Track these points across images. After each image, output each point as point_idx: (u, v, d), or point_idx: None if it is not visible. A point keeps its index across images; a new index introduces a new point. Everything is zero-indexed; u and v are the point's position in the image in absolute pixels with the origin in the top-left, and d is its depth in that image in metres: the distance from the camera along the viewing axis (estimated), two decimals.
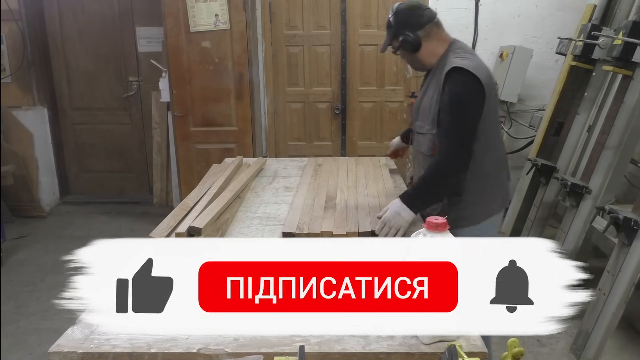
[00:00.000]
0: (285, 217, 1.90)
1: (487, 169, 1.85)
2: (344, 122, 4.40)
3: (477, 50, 4.26)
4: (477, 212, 1.88)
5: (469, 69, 1.72)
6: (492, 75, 1.86)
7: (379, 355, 1.10)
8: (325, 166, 2.56)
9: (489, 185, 1.88)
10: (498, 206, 1.96)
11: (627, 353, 2.63)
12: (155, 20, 4.24)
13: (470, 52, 1.90)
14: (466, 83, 1.72)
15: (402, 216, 1.70)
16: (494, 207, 1.94)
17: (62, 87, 4.88)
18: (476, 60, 1.81)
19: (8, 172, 4.32)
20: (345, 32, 4.24)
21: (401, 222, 1.69)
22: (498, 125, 1.95)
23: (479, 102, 1.74)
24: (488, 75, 1.79)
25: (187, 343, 1.13)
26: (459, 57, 1.79)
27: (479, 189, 1.85)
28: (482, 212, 1.90)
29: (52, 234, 4.31)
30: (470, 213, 1.86)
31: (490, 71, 1.86)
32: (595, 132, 3.10)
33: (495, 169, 1.91)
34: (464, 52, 1.85)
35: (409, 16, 1.90)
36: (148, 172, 4.99)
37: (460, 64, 1.74)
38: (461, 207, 1.84)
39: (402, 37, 1.87)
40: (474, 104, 1.74)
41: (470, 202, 1.85)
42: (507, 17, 4.22)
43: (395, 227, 1.70)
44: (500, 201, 1.98)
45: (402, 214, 1.70)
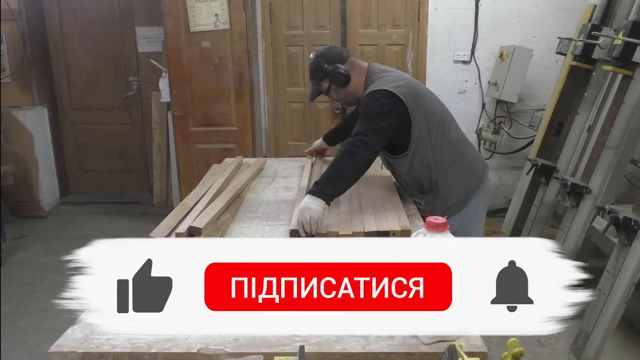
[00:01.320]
0: (285, 217, 1.90)
1: (448, 156, 1.97)
2: None
3: (477, 50, 4.28)
4: (457, 197, 2.01)
5: (374, 89, 1.88)
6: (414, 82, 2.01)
7: (379, 355, 1.10)
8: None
9: (457, 168, 1.99)
10: (476, 181, 2.06)
11: (627, 353, 2.63)
12: (155, 20, 4.24)
13: (384, 71, 2.03)
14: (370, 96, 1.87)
15: (311, 208, 1.65)
16: (472, 185, 2.04)
17: (62, 87, 4.88)
18: (388, 77, 1.95)
19: (8, 172, 4.33)
20: (345, 32, 4.25)
21: (312, 214, 1.65)
22: (445, 113, 2.03)
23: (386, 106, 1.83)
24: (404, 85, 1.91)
25: (187, 343, 1.12)
26: (373, 83, 1.95)
27: (449, 176, 1.98)
28: (463, 194, 2.02)
29: (52, 234, 4.31)
30: (452, 201, 2.01)
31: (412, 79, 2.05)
32: (595, 132, 3.10)
33: (458, 151, 2.01)
34: (377, 75, 1.99)
35: (331, 54, 2.04)
36: (148, 172, 4.99)
37: (368, 90, 1.91)
38: (442, 198, 2.00)
39: (332, 72, 1.99)
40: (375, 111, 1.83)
41: (447, 191, 1.99)
42: (507, 17, 4.22)
43: (308, 220, 1.64)
44: (475, 177, 2.06)
45: (310, 206, 1.66)
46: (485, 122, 4.40)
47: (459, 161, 2.01)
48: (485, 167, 2.12)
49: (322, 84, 2.04)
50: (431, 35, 4.25)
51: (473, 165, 2.06)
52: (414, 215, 1.91)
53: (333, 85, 2.03)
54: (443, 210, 2.00)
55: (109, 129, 4.97)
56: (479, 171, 2.08)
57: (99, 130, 4.98)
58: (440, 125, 1.96)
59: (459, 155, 2.01)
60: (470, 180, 2.04)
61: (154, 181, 4.81)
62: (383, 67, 2.10)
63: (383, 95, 1.85)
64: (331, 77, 2.00)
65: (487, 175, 2.12)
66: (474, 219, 2.08)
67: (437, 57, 4.31)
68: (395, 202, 1.97)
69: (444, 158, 1.96)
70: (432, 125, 1.93)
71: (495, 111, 4.33)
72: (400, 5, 4.17)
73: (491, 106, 4.36)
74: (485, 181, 2.10)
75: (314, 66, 2.03)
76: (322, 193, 1.70)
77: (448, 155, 1.97)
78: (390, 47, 4.27)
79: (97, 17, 4.70)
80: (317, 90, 2.08)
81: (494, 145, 4.24)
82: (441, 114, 2.00)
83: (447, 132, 1.98)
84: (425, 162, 1.95)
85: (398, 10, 4.18)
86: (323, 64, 2.00)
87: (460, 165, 2.01)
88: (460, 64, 4.33)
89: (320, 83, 2.04)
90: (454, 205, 2.02)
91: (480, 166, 2.09)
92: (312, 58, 2.06)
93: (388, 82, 1.91)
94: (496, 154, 4.36)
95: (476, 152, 2.15)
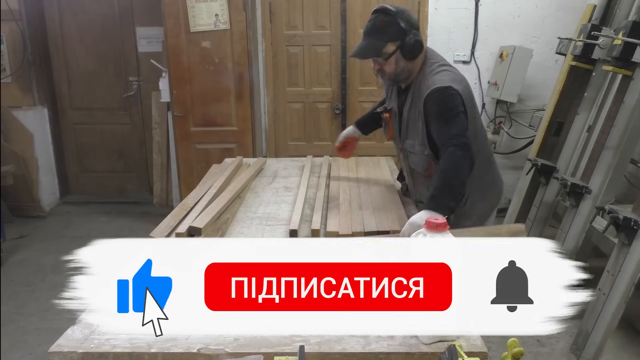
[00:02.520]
0: (285, 216, 1.90)
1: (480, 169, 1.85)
2: (344, 122, 4.39)
3: (477, 51, 4.28)
4: (478, 215, 1.93)
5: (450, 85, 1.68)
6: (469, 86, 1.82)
7: (379, 355, 1.10)
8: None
9: (486, 180, 1.93)
10: (496, 199, 2.04)
11: (627, 353, 2.63)
12: (155, 20, 4.24)
13: (443, 62, 1.83)
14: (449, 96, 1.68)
15: None
16: (493, 202, 2.02)
17: (62, 87, 4.88)
18: (454, 73, 1.77)
19: (8, 172, 4.32)
20: (345, 32, 4.25)
21: None
22: (483, 127, 1.98)
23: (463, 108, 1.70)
24: (466, 87, 1.76)
25: (187, 343, 1.13)
26: (437, 74, 1.73)
27: (478, 190, 1.88)
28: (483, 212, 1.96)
29: (52, 234, 4.31)
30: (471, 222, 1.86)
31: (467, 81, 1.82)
32: (595, 132, 3.11)
33: (487, 167, 1.95)
34: (440, 66, 1.78)
35: (411, 17, 1.75)
36: (148, 172, 4.99)
37: (439, 83, 1.69)
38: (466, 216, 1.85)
39: (411, 37, 1.71)
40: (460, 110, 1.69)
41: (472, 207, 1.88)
42: (507, 17, 4.22)
43: None
44: (497, 195, 2.04)
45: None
46: (485, 122, 4.40)
47: (487, 173, 1.94)
48: (502, 183, 2.06)
49: (388, 46, 1.72)
50: (431, 35, 4.25)
51: (497, 178, 2.01)
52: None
53: (398, 54, 1.72)
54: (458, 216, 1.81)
55: (109, 129, 4.97)
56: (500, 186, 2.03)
57: (99, 130, 4.98)
58: (479, 135, 1.85)
59: (488, 166, 1.94)
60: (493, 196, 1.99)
61: (154, 181, 4.81)
62: (439, 56, 1.88)
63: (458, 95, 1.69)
64: (404, 44, 1.70)
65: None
66: None
67: None
68: (395, 202, 1.97)
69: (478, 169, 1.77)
70: (473, 135, 1.75)
71: (495, 111, 4.33)
72: (401, 6, 4.17)
73: (491, 106, 4.36)
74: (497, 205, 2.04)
75: (389, 21, 1.71)
76: (444, 207, 1.52)
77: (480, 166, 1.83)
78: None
79: (97, 17, 4.70)
80: (378, 50, 1.74)
81: (494, 145, 4.24)
82: (481, 123, 1.93)
83: (482, 144, 1.88)
84: None
85: None
86: (402, 22, 1.70)
87: (488, 178, 1.94)
88: (460, 64, 4.32)
89: (388, 44, 1.72)
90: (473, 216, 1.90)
91: (501, 182, 2.04)
92: (387, 11, 1.73)
93: (456, 80, 1.73)
94: (496, 154, 4.34)
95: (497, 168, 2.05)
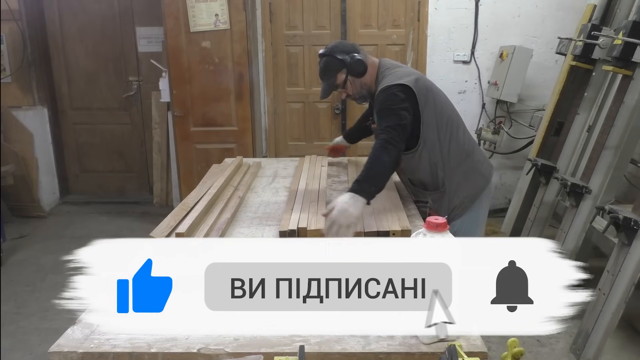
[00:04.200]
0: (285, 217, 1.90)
1: (456, 155, 1.97)
2: (344, 122, 4.39)
3: (477, 51, 4.28)
4: (464, 197, 2.01)
5: (390, 84, 1.86)
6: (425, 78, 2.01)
7: (379, 355, 1.10)
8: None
9: (464, 168, 2.00)
10: (482, 183, 2.07)
11: (627, 353, 2.63)
12: (155, 20, 4.24)
13: (396, 66, 2.01)
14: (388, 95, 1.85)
15: (349, 212, 1.61)
16: (478, 186, 2.05)
17: (62, 87, 4.88)
18: (401, 72, 1.93)
19: (8, 172, 4.32)
20: (345, 32, 4.24)
21: (350, 219, 1.61)
22: (454, 112, 2.03)
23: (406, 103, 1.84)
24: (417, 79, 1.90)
25: (187, 343, 1.12)
26: (385, 78, 1.93)
27: (456, 175, 1.98)
28: (469, 195, 2.03)
29: (52, 234, 4.31)
30: (459, 200, 2.01)
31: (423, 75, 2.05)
32: (595, 132, 3.11)
33: (465, 151, 2.00)
34: (389, 70, 1.96)
35: (345, 45, 2.01)
36: (148, 172, 4.99)
37: (383, 84, 1.88)
38: (448, 198, 2.00)
39: (350, 60, 1.94)
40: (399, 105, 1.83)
41: (453, 190, 2.00)
42: (507, 17, 4.22)
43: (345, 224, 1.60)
44: (483, 178, 2.07)
45: (349, 209, 1.61)
46: (485, 122, 4.40)
47: (466, 161, 2.01)
48: (491, 168, 2.13)
49: (339, 76, 1.98)
50: (431, 35, 4.25)
51: (480, 165, 2.06)
52: (414, 215, 1.91)
53: (350, 77, 1.97)
54: (449, 209, 2.01)
55: (109, 129, 4.97)
56: (485, 172, 2.08)
57: (99, 130, 4.98)
58: (449, 124, 1.96)
59: (466, 155, 2.01)
60: (477, 180, 2.05)
61: (154, 181, 4.81)
62: (393, 62, 2.08)
63: (399, 89, 1.85)
64: (349, 67, 1.94)
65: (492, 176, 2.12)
66: (478, 219, 2.08)
67: (437, 57, 4.31)
68: (395, 202, 1.97)
69: (452, 157, 1.96)
70: (440, 123, 1.93)
71: (495, 111, 4.33)
72: (400, 5, 4.17)
73: (491, 106, 4.36)
74: (491, 182, 2.11)
75: (328, 59, 1.98)
76: (364, 192, 1.68)
77: (455, 154, 1.97)
78: (390, 47, 4.27)
79: (97, 17, 4.70)
80: (332, 85, 2.01)
81: (494, 145, 4.24)
82: (450, 113, 1.99)
83: (456, 131, 1.98)
84: (432, 160, 1.95)
85: (398, 10, 4.17)
86: (338, 54, 1.96)
87: (467, 165, 2.01)
88: (460, 64, 4.33)
89: (337, 75, 1.98)
90: (461, 204, 2.02)
91: (486, 167, 2.10)
92: (324, 53, 2.00)
93: (401, 75, 1.90)
94: (496, 154, 4.36)
95: (483, 154, 2.16)
